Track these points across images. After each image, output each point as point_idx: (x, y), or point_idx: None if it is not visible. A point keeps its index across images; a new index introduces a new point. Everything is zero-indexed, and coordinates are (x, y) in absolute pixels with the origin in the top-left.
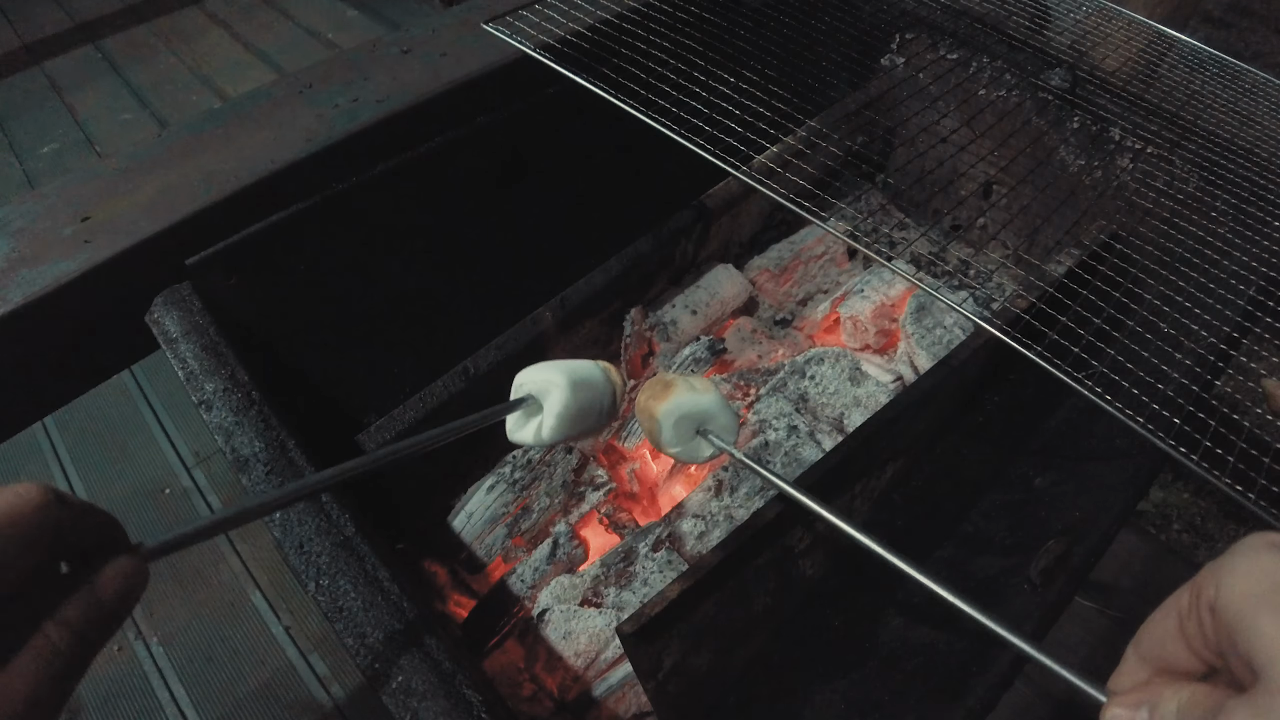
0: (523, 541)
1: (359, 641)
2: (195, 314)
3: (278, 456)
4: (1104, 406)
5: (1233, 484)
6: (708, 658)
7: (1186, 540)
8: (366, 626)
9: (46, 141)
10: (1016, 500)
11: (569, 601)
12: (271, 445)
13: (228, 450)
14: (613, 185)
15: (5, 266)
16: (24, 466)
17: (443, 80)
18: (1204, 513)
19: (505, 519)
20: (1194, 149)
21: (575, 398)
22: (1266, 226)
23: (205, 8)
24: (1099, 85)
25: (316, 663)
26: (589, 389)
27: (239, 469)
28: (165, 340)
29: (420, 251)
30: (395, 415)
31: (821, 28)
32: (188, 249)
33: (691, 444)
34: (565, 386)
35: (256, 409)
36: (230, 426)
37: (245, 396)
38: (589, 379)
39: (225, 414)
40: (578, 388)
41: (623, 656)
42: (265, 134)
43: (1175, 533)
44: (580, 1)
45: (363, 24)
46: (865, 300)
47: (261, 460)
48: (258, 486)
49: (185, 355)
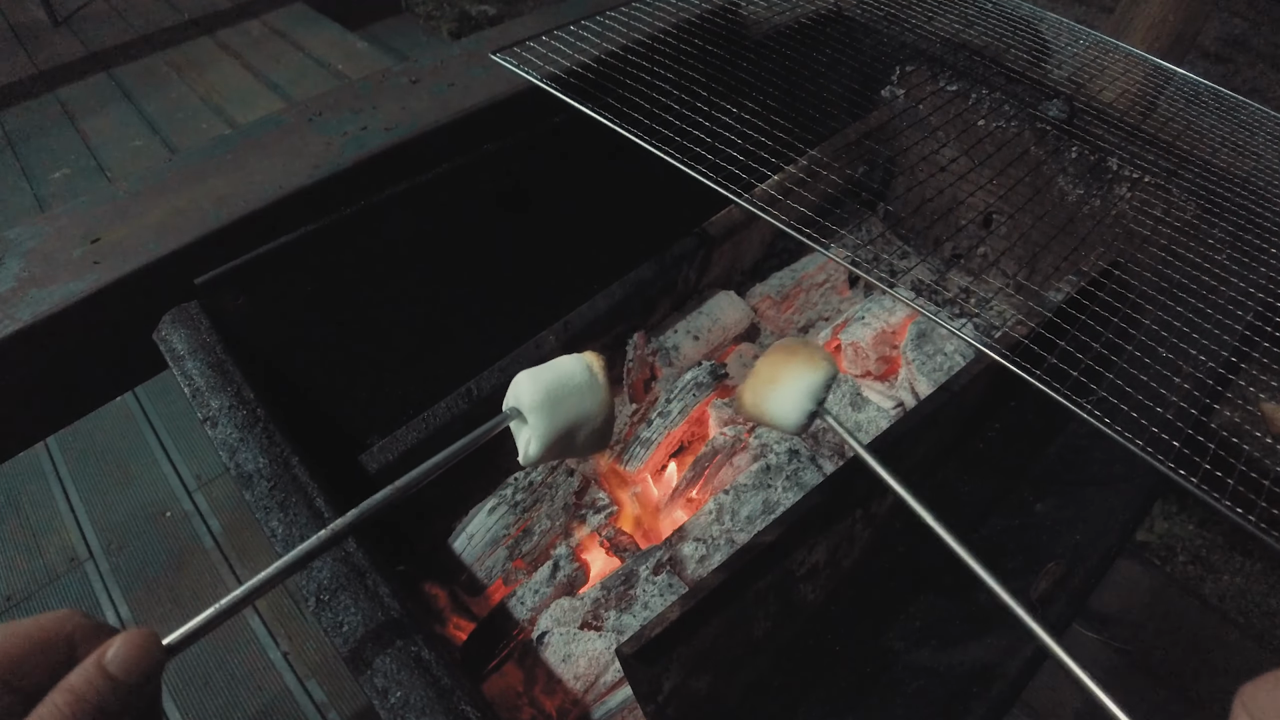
0: (523, 564)
1: (354, 654)
2: (203, 332)
3: (281, 473)
4: (1104, 430)
5: (1232, 506)
6: (708, 681)
7: (1192, 572)
8: (365, 641)
9: (58, 167)
10: (1017, 525)
11: (569, 624)
12: (275, 461)
13: (232, 466)
14: (617, 212)
15: (15, 286)
16: (25, 488)
17: (450, 110)
18: (1209, 544)
19: (506, 541)
20: (1191, 178)
21: (553, 419)
22: (1263, 254)
23: (217, 38)
24: (1096, 116)
25: (314, 689)
26: (571, 402)
27: (243, 485)
28: (172, 358)
29: (425, 275)
30: (398, 436)
31: (823, 60)
32: (197, 270)
33: (794, 414)
34: (543, 408)
35: (261, 426)
36: (235, 443)
37: (250, 414)
38: (569, 390)
39: (230, 430)
40: (557, 406)
41: (622, 680)
42: (275, 160)
43: (1181, 565)
44: (586, 34)
45: (371, 55)
46: (866, 327)
47: (265, 476)
48: (261, 502)
49: (191, 372)
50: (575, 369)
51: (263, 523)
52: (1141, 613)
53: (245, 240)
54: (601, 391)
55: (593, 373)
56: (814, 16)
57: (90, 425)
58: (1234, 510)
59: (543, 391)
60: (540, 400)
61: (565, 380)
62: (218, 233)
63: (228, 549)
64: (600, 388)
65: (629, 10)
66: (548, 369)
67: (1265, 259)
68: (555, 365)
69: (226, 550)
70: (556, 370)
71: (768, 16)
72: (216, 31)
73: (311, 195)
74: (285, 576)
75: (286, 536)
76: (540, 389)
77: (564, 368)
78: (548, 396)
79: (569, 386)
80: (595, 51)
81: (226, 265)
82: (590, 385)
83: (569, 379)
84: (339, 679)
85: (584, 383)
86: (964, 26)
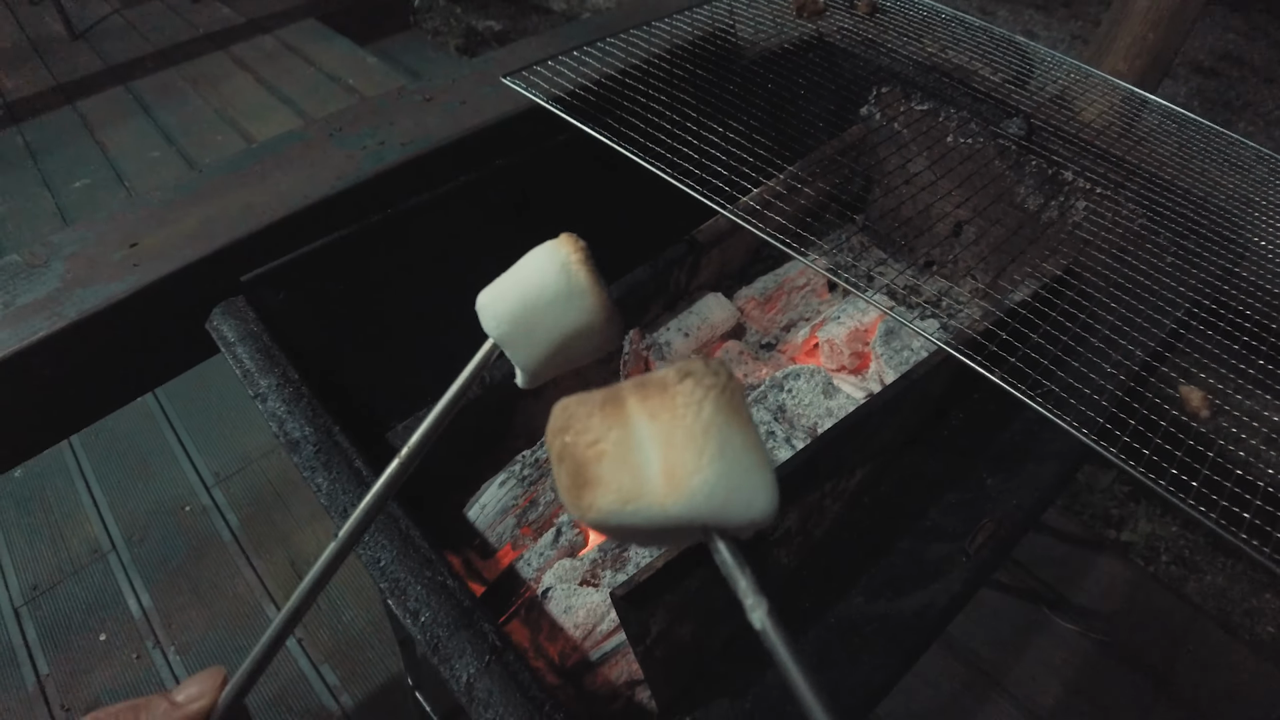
0: (529, 531)
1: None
2: (250, 322)
3: (324, 439)
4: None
5: (1145, 472)
6: (691, 629)
7: (1175, 572)
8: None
9: (78, 176)
10: (969, 499)
11: (569, 581)
12: (319, 430)
13: (281, 435)
14: (614, 220)
15: (61, 286)
16: (51, 483)
17: (463, 126)
18: (1192, 545)
19: (514, 510)
20: (1135, 189)
21: (532, 345)
22: (1198, 258)
23: (232, 53)
24: (1053, 132)
25: (327, 673)
26: (551, 318)
27: (291, 449)
28: (224, 344)
29: (443, 276)
30: (419, 416)
31: (803, 83)
32: (227, 273)
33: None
34: (516, 337)
35: (306, 400)
36: (283, 415)
37: (295, 390)
38: (544, 305)
39: (278, 404)
40: (534, 329)
41: (616, 629)
42: (299, 172)
43: (1164, 565)
44: (587, 59)
45: (381, 70)
46: (841, 326)
47: (310, 441)
48: (308, 463)
49: (242, 356)
50: (547, 277)
51: (309, 480)
52: (1118, 605)
53: (274, 246)
54: (586, 296)
55: (570, 275)
56: (797, 42)
57: (112, 424)
58: (1147, 475)
59: (509, 319)
60: (509, 330)
61: (536, 295)
62: (248, 239)
63: (245, 542)
64: (584, 291)
65: (627, 37)
66: (513, 285)
67: (1199, 262)
68: (521, 278)
69: (244, 543)
70: (522, 285)
71: (754, 42)
72: (231, 46)
73: (335, 205)
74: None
75: (331, 490)
76: (506, 315)
77: (531, 280)
78: (517, 323)
79: (542, 301)
80: (596, 75)
81: (269, 265)
82: (569, 292)
83: (541, 292)
84: (351, 663)
85: (560, 291)
86: (937, 51)
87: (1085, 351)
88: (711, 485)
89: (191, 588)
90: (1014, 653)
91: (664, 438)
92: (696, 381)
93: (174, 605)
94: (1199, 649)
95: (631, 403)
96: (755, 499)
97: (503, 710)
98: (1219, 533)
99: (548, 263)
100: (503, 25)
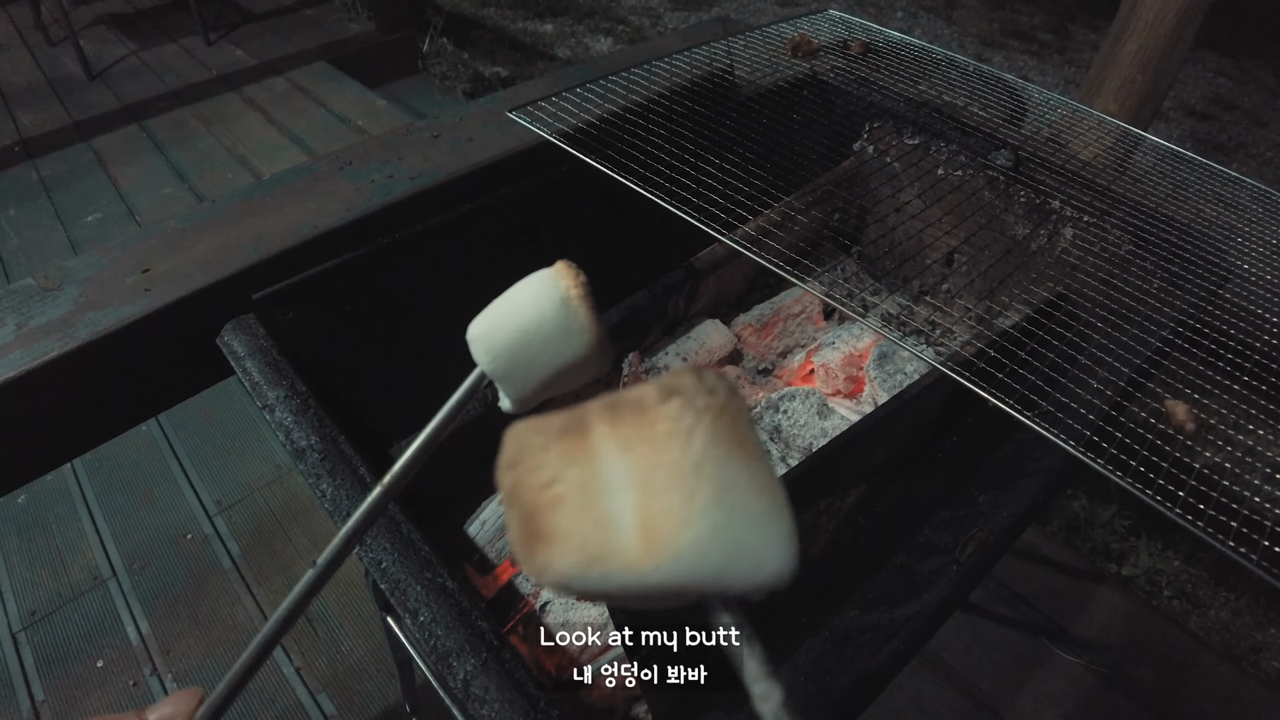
0: None
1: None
2: (260, 338)
3: (329, 447)
4: (1014, 414)
5: (1133, 483)
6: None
7: (1178, 607)
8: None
9: (90, 211)
10: (961, 515)
11: None
12: (325, 439)
13: (287, 443)
14: (615, 248)
15: (74, 309)
16: (52, 509)
17: (469, 161)
18: (1194, 580)
19: None
20: (1121, 216)
21: (526, 381)
22: (1184, 280)
23: (243, 93)
24: (1040, 163)
25: (324, 702)
26: (547, 354)
27: (297, 457)
28: (234, 358)
29: (448, 299)
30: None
31: (798, 119)
32: (236, 298)
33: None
34: (510, 375)
35: (312, 411)
36: (290, 424)
37: (303, 402)
38: (540, 341)
39: (286, 414)
40: (530, 364)
41: (613, 642)
42: (309, 203)
43: (1166, 599)
44: (590, 95)
45: (390, 113)
46: (836, 351)
47: (316, 450)
48: (313, 470)
49: (251, 370)
50: (545, 312)
51: (314, 486)
52: (1120, 638)
53: (282, 274)
54: (585, 333)
55: (570, 310)
56: (792, 81)
57: (114, 451)
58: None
59: (505, 353)
60: (504, 365)
61: (534, 330)
62: (257, 266)
63: (245, 571)
64: (584, 328)
65: (628, 75)
66: (508, 317)
67: (1183, 285)
68: (517, 310)
69: (244, 572)
70: (518, 318)
71: (751, 80)
72: (243, 87)
73: (343, 235)
74: (363, 531)
75: (335, 496)
76: (502, 349)
77: (528, 313)
78: (513, 358)
79: (540, 336)
80: (598, 110)
81: (280, 284)
82: (568, 329)
83: (539, 327)
84: (349, 692)
85: (559, 327)
86: (927, 88)
87: (1074, 370)
88: (706, 543)
89: (191, 615)
90: (1014, 685)
91: (641, 479)
92: (685, 402)
93: (173, 633)
94: (1202, 682)
95: (599, 431)
96: (767, 556)
97: (500, 707)
98: (1207, 540)
99: (546, 296)
100: (509, 71)
